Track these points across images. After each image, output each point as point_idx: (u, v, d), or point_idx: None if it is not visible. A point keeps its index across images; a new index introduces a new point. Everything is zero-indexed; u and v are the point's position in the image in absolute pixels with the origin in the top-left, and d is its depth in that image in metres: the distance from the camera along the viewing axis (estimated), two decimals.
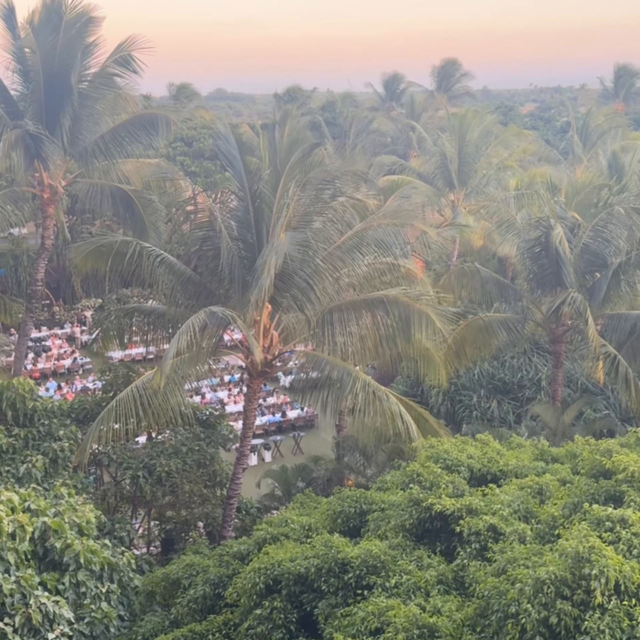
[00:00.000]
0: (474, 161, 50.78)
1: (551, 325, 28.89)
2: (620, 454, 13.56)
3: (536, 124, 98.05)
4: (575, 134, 65.83)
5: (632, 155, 47.58)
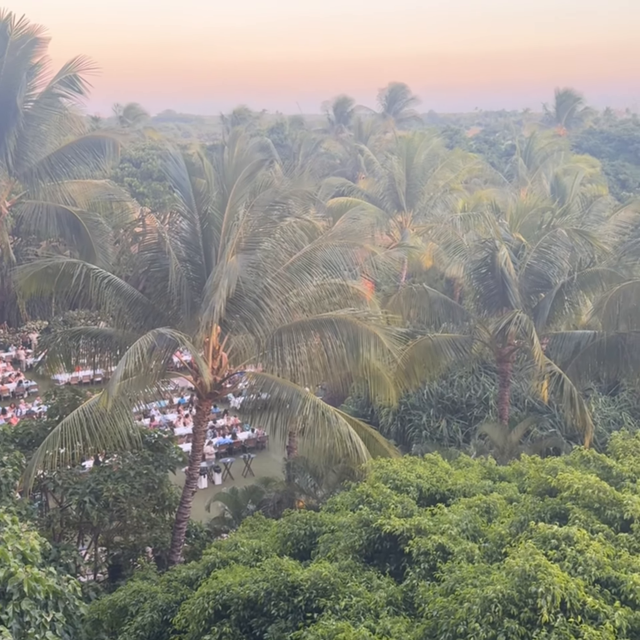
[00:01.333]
0: (422, 183, 51.49)
1: (498, 344, 29.31)
2: (565, 472, 13.78)
3: (481, 147, 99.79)
4: (520, 157, 67.20)
5: (573, 178, 48.77)
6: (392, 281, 46.67)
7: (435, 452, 18.67)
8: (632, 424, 30.27)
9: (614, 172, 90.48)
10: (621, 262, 28.78)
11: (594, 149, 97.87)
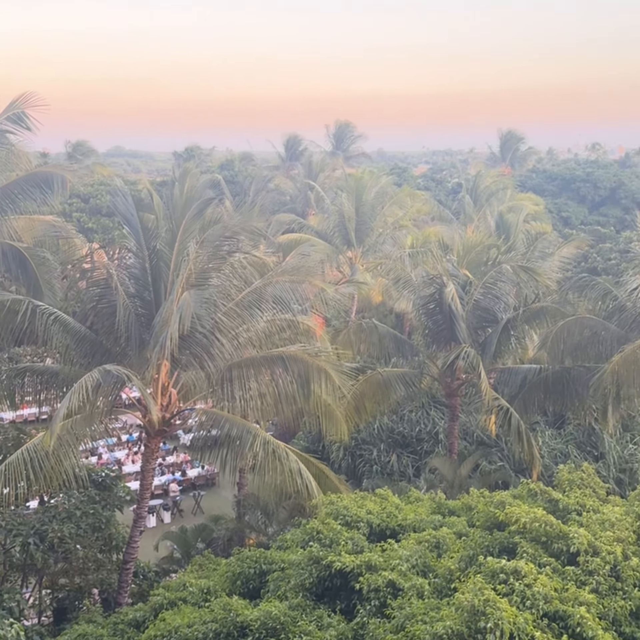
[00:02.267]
0: (371, 220, 52.13)
1: (447, 379, 29.59)
2: (513, 506, 13.91)
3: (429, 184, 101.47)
4: (467, 194, 68.52)
5: (518, 215, 49.91)
6: (342, 317, 46.94)
7: (385, 487, 18.69)
8: (578, 456, 30.70)
9: (557, 210, 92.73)
10: (565, 298, 29.43)
11: (537, 188, 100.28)
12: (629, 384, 25.66)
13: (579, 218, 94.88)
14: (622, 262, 51.79)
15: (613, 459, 31.44)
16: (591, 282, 29.58)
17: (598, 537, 12.96)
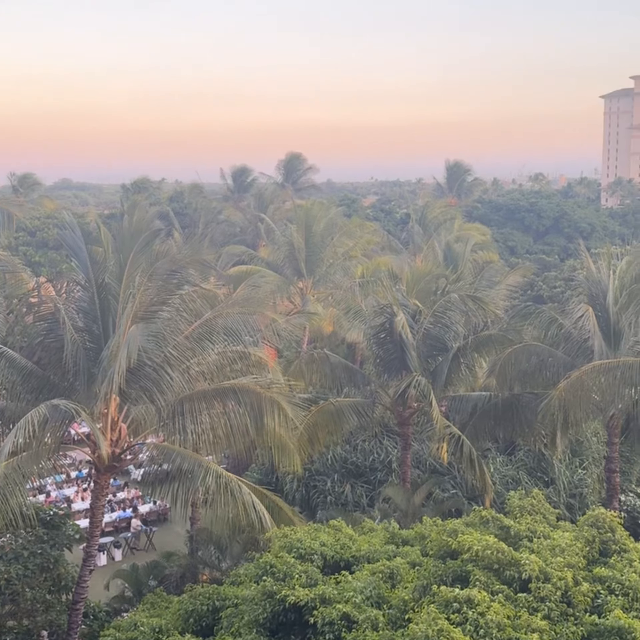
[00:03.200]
0: (321, 251, 52.46)
1: (398, 408, 29.73)
2: (465, 534, 13.99)
3: (378, 215, 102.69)
4: (415, 224, 69.44)
5: (465, 245, 50.72)
6: (294, 347, 46.91)
7: (339, 519, 18.65)
8: (528, 482, 31.01)
9: (503, 240, 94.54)
10: (512, 326, 29.90)
11: (483, 218, 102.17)
12: (576, 410, 26.10)
13: (524, 247, 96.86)
14: (567, 290, 52.87)
15: (563, 484, 31.83)
16: (537, 310, 30.14)
17: (549, 563, 13.09)
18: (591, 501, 31.50)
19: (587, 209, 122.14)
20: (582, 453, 33.72)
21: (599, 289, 28.76)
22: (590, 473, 33.24)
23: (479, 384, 32.26)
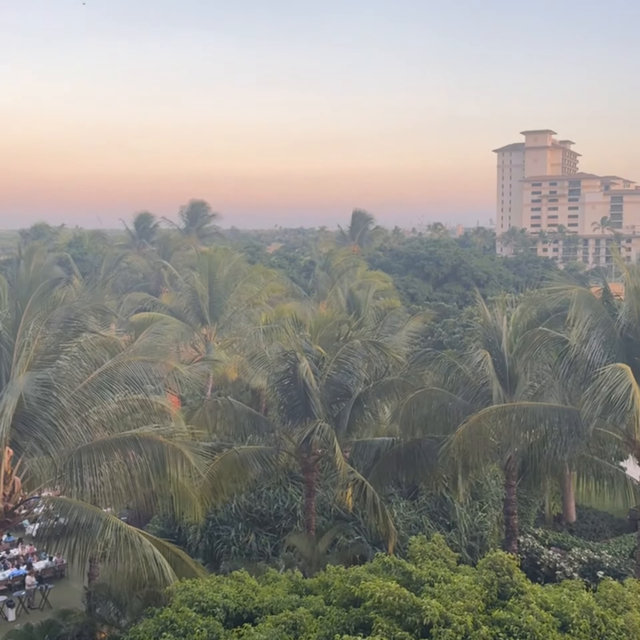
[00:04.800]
0: (225, 297, 52.37)
1: (303, 454, 29.70)
2: (368, 581, 14.02)
3: (282, 262, 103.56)
4: (319, 272, 70.29)
5: (367, 292, 51.62)
6: (197, 395, 46.35)
7: (242, 569, 18.37)
8: (431, 526, 31.38)
9: (404, 287, 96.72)
10: (413, 371, 30.47)
11: (385, 265, 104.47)
12: (475, 453, 26.70)
13: (424, 294, 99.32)
14: (465, 336, 54.34)
15: (464, 527, 32.36)
16: (437, 355, 30.85)
17: (449, 608, 13.25)
18: (491, 543, 32.14)
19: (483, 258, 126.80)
20: (482, 496, 34.43)
21: (495, 335, 29.72)
22: (490, 515, 33.94)
23: (383, 429, 32.64)
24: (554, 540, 36.80)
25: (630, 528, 38.40)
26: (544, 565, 34.03)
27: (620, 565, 32.80)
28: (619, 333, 24.43)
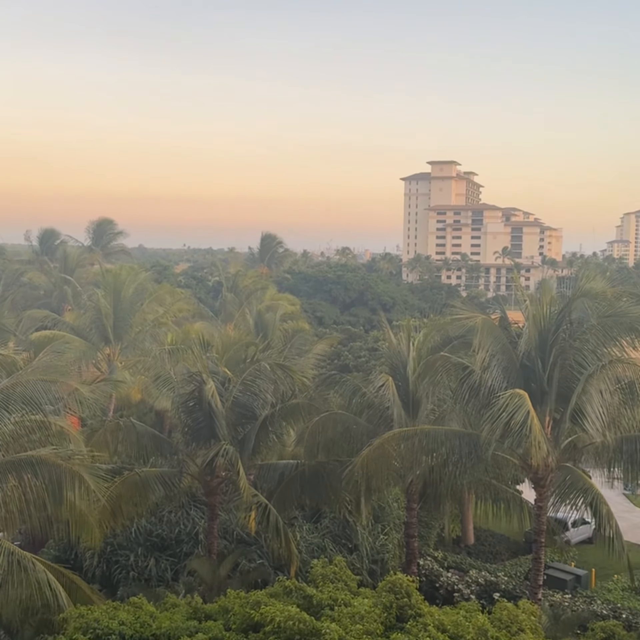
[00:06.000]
0: (130, 317, 51.46)
1: (206, 477, 29.38)
2: (268, 605, 13.95)
3: (190, 282, 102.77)
4: (227, 293, 70.01)
5: (275, 314, 51.71)
6: (99, 416, 45.25)
7: (140, 595, 17.97)
8: (333, 550, 31.46)
9: (311, 310, 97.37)
10: (319, 394, 30.66)
11: (293, 288, 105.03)
12: (377, 476, 27.01)
13: (331, 317, 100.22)
14: (371, 360, 55.09)
15: (366, 550, 32.59)
16: (342, 379, 31.13)
17: (349, 631, 13.32)
18: (392, 566, 32.46)
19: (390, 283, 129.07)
20: (384, 519, 34.78)
21: (399, 360, 30.24)
22: (392, 538, 34.30)
23: (288, 452, 32.64)
24: (453, 563, 37.49)
25: (525, 550, 39.46)
26: (443, 587, 34.61)
27: (515, 587, 33.67)
28: (518, 360, 25.25)
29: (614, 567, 35.31)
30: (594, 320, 24.67)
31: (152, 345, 47.17)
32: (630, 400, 24.22)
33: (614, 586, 35.38)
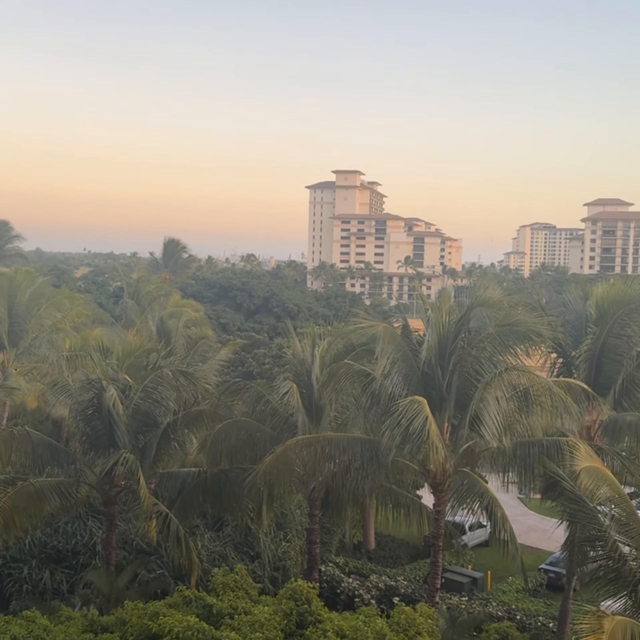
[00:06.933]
0: (26, 322, 49.83)
1: (105, 487, 28.72)
2: (167, 616, 13.74)
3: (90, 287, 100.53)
4: (129, 298, 68.68)
5: (178, 321, 51.09)
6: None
7: (33, 609, 17.39)
8: (235, 558, 31.29)
9: (216, 316, 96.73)
10: (222, 401, 30.47)
11: (197, 295, 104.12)
12: (280, 483, 27.03)
13: (236, 324, 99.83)
14: (275, 367, 55.13)
15: (268, 557, 32.55)
16: (246, 386, 31.04)
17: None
18: (293, 573, 32.50)
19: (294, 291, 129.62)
20: (287, 526, 34.82)
21: (304, 367, 30.38)
22: (294, 545, 34.38)
23: (190, 460, 32.27)
24: (354, 568, 37.86)
25: (424, 554, 40.21)
26: (344, 593, 34.90)
27: (414, 591, 34.27)
28: (419, 367, 25.74)
29: (508, 570, 36.38)
30: (491, 329, 25.40)
31: (49, 352, 45.79)
32: (525, 406, 24.98)
33: (508, 588, 36.44)
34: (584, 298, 31.38)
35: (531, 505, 51.79)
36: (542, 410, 24.48)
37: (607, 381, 29.17)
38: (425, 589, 32.55)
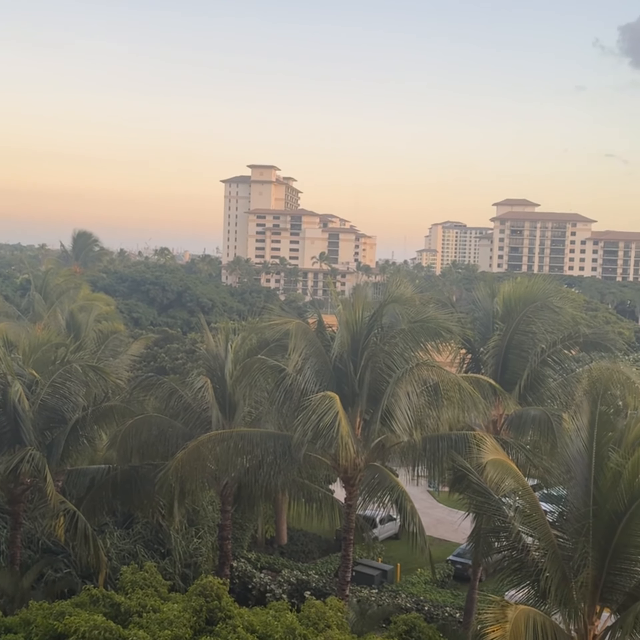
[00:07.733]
0: None
1: (9, 485, 27.92)
2: (73, 615, 13.47)
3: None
4: (36, 291, 66.75)
5: (89, 315, 49.98)
6: None
7: None
8: (145, 555, 30.87)
9: (128, 311, 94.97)
10: (134, 397, 30.00)
11: (109, 288, 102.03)
12: (192, 479, 26.86)
13: (148, 319, 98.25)
14: (188, 362, 54.55)
15: (179, 554, 32.24)
16: (158, 381, 30.65)
17: (157, 637, 13.14)
18: (205, 569, 32.31)
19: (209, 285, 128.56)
20: (199, 522, 34.55)
21: (217, 362, 30.22)
22: (206, 542, 34.15)
23: (100, 457, 31.66)
24: (266, 563, 37.92)
25: (336, 548, 40.58)
26: (256, 588, 34.93)
27: (325, 585, 34.57)
28: (331, 363, 25.96)
29: (417, 561, 37.05)
30: (404, 325, 25.83)
31: None
32: (435, 401, 25.50)
33: (417, 579, 37.16)
34: (492, 295, 32.16)
35: (440, 498, 52.93)
36: (451, 405, 25.03)
37: (512, 376, 30.01)
38: (336, 582, 32.88)
